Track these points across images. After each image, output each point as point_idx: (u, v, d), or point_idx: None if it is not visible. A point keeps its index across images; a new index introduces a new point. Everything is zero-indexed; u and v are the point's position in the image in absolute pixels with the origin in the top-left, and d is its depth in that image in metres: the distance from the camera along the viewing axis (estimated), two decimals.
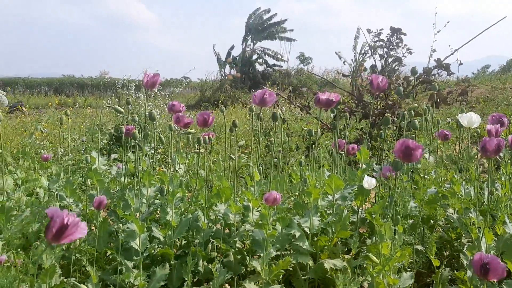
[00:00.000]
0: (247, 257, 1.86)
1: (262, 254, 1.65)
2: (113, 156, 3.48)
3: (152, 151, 2.34)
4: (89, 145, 4.65)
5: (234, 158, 2.02)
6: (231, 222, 1.84)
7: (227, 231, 2.04)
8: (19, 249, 1.85)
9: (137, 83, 7.60)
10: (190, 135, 2.15)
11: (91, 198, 2.09)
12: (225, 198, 1.89)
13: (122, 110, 2.07)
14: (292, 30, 22.09)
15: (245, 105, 11.68)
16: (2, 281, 1.45)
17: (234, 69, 20.88)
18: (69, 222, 0.90)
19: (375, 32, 6.87)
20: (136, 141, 1.78)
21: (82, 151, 4.59)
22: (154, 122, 2.16)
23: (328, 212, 1.96)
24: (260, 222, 1.67)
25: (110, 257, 2.06)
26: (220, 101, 11.35)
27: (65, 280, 1.68)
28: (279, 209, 1.75)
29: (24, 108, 10.63)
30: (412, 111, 2.22)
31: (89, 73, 26.90)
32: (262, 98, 1.65)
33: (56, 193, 2.02)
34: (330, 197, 1.92)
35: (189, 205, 2.04)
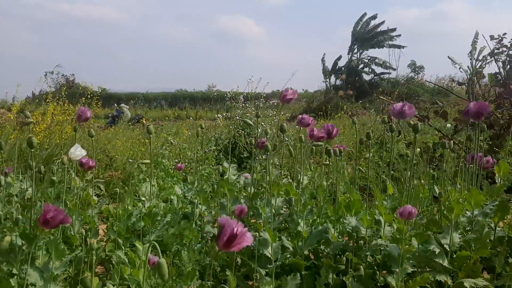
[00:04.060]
0: (377, 272, 1.82)
1: (397, 270, 1.61)
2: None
3: (277, 163, 2.40)
4: (220, 155, 4.93)
5: (364, 171, 2.00)
6: (363, 235, 1.81)
7: (353, 244, 2.01)
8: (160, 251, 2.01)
9: (244, 94, 7.84)
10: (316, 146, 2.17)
11: (222, 206, 2.20)
12: (355, 211, 1.88)
13: (251, 123, 2.16)
14: (399, 36, 21.33)
15: (350, 115, 11.51)
16: (154, 281, 1.59)
17: (339, 79, 20.70)
18: (238, 231, 0.97)
19: (498, 38, 6.42)
20: (268, 153, 1.84)
21: (203, 162, 4.86)
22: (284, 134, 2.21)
23: (466, 228, 1.85)
24: (397, 236, 1.63)
25: (239, 263, 2.14)
26: (327, 111, 11.33)
27: (203, 283, 1.79)
28: (416, 224, 1.69)
29: (144, 121, 11.55)
30: None
31: (200, 87, 28.72)
32: (401, 110, 1.61)
33: (196, 201, 2.15)
34: (468, 213, 1.80)
35: (316, 217, 2.05)
